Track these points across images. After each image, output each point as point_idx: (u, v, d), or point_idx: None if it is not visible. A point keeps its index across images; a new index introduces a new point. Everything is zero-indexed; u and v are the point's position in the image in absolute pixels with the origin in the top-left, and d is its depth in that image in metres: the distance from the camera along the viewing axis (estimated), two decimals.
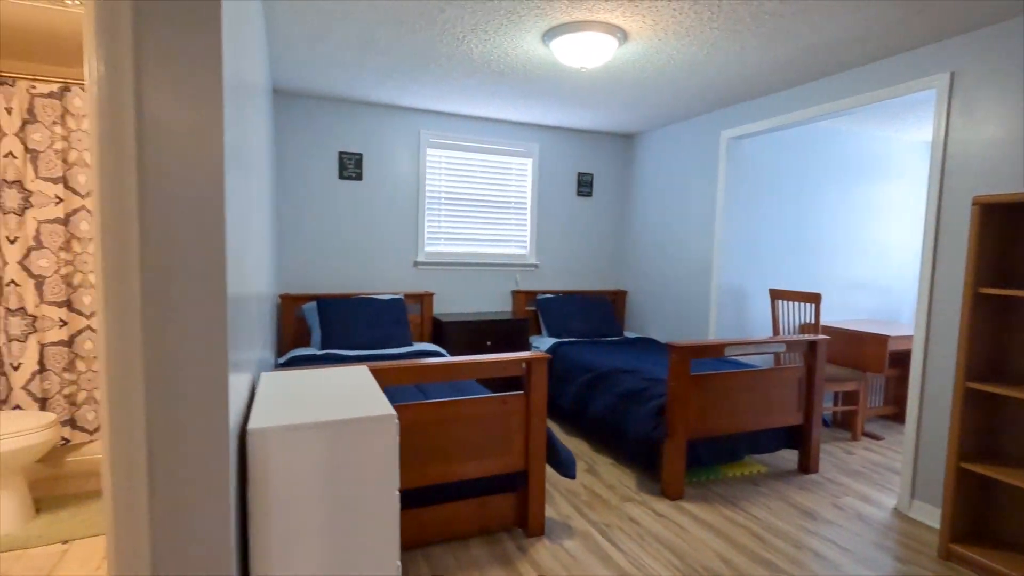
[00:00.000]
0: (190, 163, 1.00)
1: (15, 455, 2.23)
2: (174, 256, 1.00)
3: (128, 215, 0.96)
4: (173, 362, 1.01)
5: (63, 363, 2.74)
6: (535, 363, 2.29)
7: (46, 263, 2.69)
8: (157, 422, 1.01)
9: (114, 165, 0.95)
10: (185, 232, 1.00)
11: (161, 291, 0.99)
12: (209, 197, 1.02)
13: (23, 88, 2.61)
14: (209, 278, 1.02)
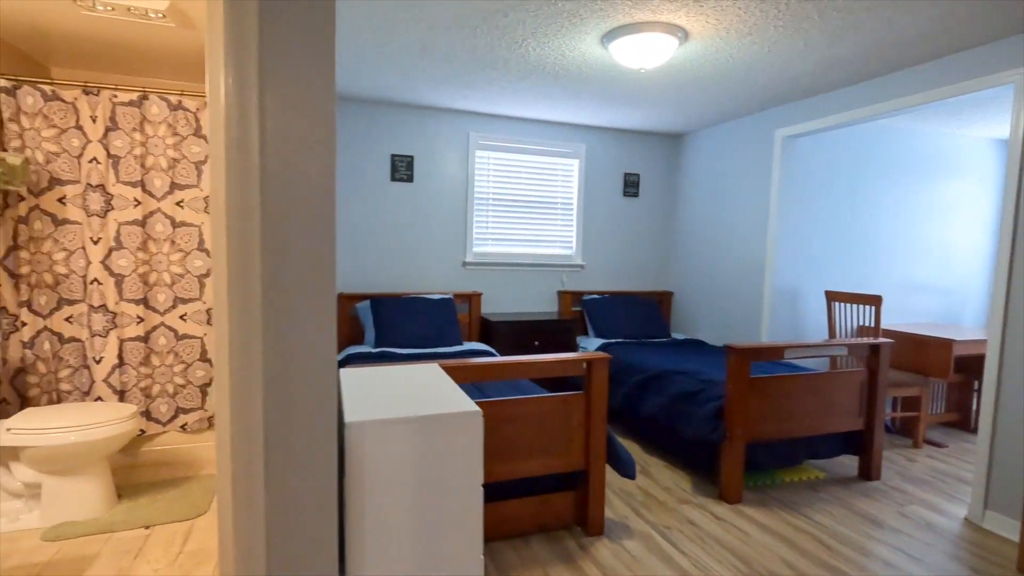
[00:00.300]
0: (305, 169, 1.05)
1: (102, 444, 2.36)
2: (290, 258, 1.05)
3: (251, 219, 1.02)
4: (288, 357, 1.06)
5: (139, 358, 2.88)
6: (596, 363, 2.31)
7: (125, 263, 2.84)
8: (272, 415, 1.06)
9: (240, 173, 1.01)
10: (300, 235, 1.05)
11: (279, 289, 1.05)
12: (321, 202, 1.07)
13: (106, 97, 2.76)
14: (321, 278, 1.08)
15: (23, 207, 2.68)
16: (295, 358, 1.06)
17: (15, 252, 2.69)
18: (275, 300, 1.04)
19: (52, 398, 2.81)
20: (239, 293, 1.02)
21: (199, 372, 3.00)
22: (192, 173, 2.93)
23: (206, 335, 3.00)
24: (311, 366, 1.08)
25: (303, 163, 1.04)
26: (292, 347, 1.06)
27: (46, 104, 2.69)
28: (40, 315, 2.75)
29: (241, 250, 1.02)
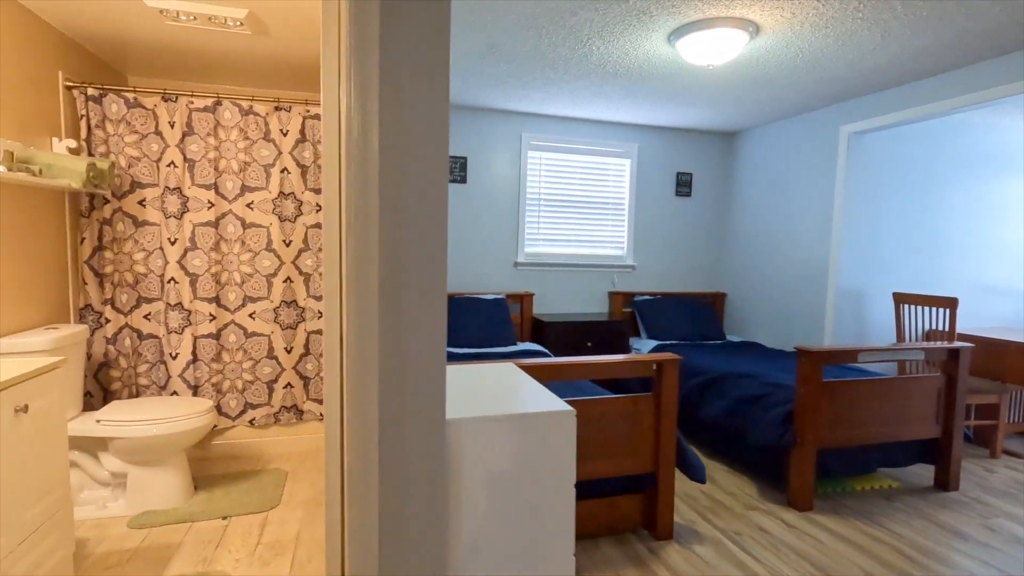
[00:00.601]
0: (422, 172, 1.06)
1: (182, 437, 2.45)
2: (405, 258, 1.07)
3: (370, 221, 1.04)
4: (403, 354, 1.08)
5: (212, 354, 2.99)
6: (667, 365, 2.27)
7: (199, 262, 2.95)
8: (387, 410, 1.08)
9: (359, 176, 1.03)
10: (415, 236, 1.07)
11: (395, 287, 1.06)
12: (436, 204, 1.08)
13: (183, 103, 2.88)
14: (434, 277, 1.09)
15: (107, 209, 2.81)
16: (409, 355, 1.08)
17: (100, 252, 2.83)
18: (391, 298, 1.06)
19: (132, 392, 2.94)
20: (357, 291, 1.04)
21: (266, 369, 3.09)
22: (261, 176, 3.02)
23: (273, 333, 3.08)
24: (424, 362, 1.09)
25: (420, 167, 1.06)
26: (406, 344, 1.08)
27: (129, 111, 2.82)
28: (122, 312, 2.89)
29: (359, 250, 1.04)
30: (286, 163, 3.03)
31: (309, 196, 3.09)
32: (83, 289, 2.80)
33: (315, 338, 3.15)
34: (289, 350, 3.11)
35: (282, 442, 3.19)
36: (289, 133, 3.02)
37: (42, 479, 1.72)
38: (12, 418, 1.56)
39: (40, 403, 1.70)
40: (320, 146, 3.09)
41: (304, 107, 3.05)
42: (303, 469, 2.96)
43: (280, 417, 3.14)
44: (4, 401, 1.53)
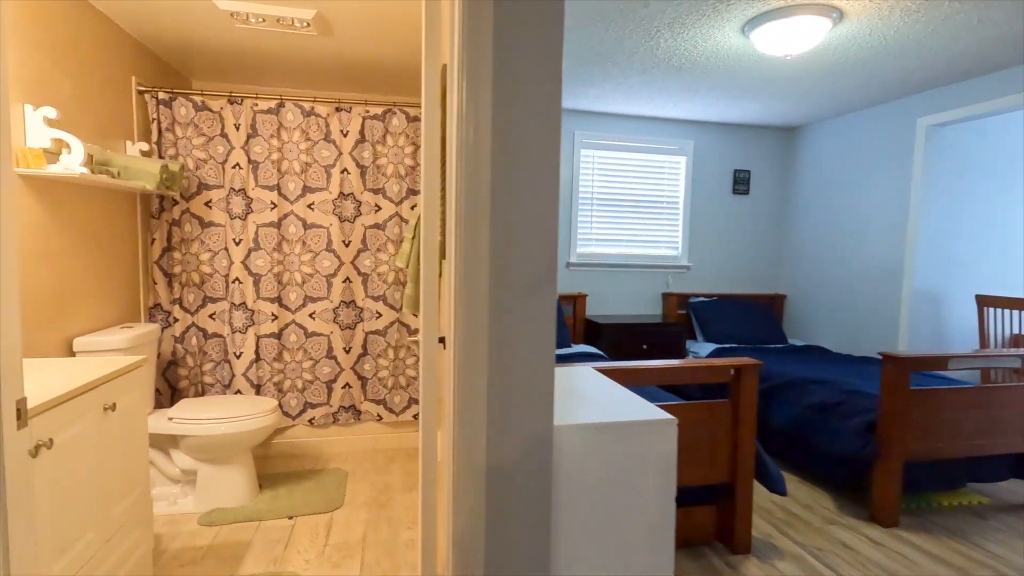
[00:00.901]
0: (533, 174, 1.01)
1: (249, 435, 2.47)
2: (516, 260, 1.01)
3: (481, 226, 0.99)
4: (512, 359, 1.03)
5: (273, 353, 3.02)
6: (746, 370, 2.16)
7: (262, 263, 2.98)
8: (495, 416, 1.03)
9: (471, 178, 0.98)
10: (526, 238, 1.01)
11: (505, 290, 1.01)
12: (545, 205, 1.02)
13: (248, 106, 2.91)
14: (543, 279, 1.03)
15: (176, 211, 2.87)
16: (518, 359, 1.03)
17: (169, 253, 2.89)
18: (502, 300, 1.01)
19: (198, 390, 2.99)
20: (467, 293, 1.00)
21: (325, 368, 3.11)
22: (322, 176, 3.04)
23: (332, 333, 3.10)
24: (533, 367, 1.03)
25: (531, 169, 1.00)
26: (516, 347, 1.02)
27: (196, 114, 2.87)
28: (189, 312, 2.94)
29: (470, 253, 0.99)
30: (346, 164, 3.04)
31: (368, 196, 3.09)
32: (153, 289, 2.86)
33: (373, 338, 3.15)
34: (348, 350, 3.12)
35: (340, 442, 3.20)
36: (349, 134, 3.03)
37: (126, 476, 1.74)
38: (101, 416, 1.58)
39: (125, 401, 1.72)
40: (379, 146, 3.08)
41: (364, 108, 3.05)
42: (362, 470, 2.96)
43: (338, 417, 3.15)
44: (94, 399, 1.55)
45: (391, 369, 3.18)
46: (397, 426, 3.27)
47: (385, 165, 3.10)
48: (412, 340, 1.77)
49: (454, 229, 1.00)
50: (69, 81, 2.20)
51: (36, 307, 2.01)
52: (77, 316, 2.25)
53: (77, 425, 1.46)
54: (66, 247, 2.18)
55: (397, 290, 3.14)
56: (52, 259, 2.09)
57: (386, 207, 3.11)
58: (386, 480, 2.83)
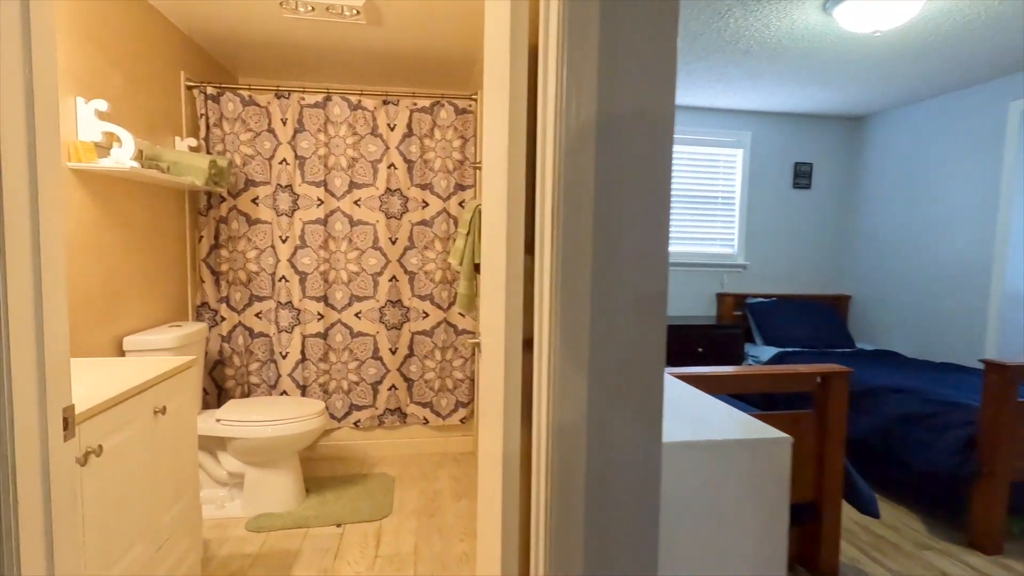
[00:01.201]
0: (641, 165, 0.86)
1: (296, 439, 2.39)
2: (620, 263, 0.86)
3: (582, 226, 0.85)
4: (618, 370, 0.88)
5: (319, 354, 2.94)
6: (834, 378, 1.96)
7: (308, 260, 2.91)
8: (598, 434, 0.88)
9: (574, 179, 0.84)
10: (634, 236, 0.86)
11: (608, 296, 0.86)
12: (657, 202, 0.87)
13: (295, 100, 2.84)
14: (655, 278, 0.88)
15: (224, 207, 2.82)
16: (625, 371, 0.88)
17: (216, 250, 2.84)
18: (605, 306, 0.86)
19: (244, 390, 2.94)
20: (563, 298, 0.85)
21: (371, 370, 3.02)
22: (368, 172, 2.95)
23: (378, 333, 3.00)
24: (641, 381, 0.88)
25: (642, 159, 0.85)
26: (621, 358, 0.87)
27: (244, 109, 2.82)
28: (235, 310, 2.89)
29: (568, 254, 0.85)
30: (393, 159, 2.94)
31: (415, 192, 2.98)
32: (201, 287, 2.82)
33: (419, 339, 3.04)
34: (394, 351, 3.02)
35: (386, 445, 3.10)
36: (396, 128, 2.93)
37: (176, 482, 1.66)
38: (151, 420, 1.50)
39: (175, 404, 1.64)
40: (427, 140, 2.97)
41: (411, 100, 2.94)
42: (409, 475, 2.85)
43: (384, 420, 3.06)
44: (144, 402, 1.47)
45: (438, 371, 3.07)
46: (443, 430, 3.16)
47: (433, 160, 2.99)
48: (472, 341, 1.63)
49: (549, 224, 0.86)
50: (120, 75, 2.16)
51: (86, 305, 1.96)
52: (127, 314, 2.20)
53: (127, 430, 1.38)
54: (116, 244, 2.13)
55: (444, 289, 3.03)
56: (102, 256, 2.05)
57: (434, 203, 3.00)
58: (435, 487, 2.71)
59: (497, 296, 1.14)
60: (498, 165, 1.15)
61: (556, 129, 0.85)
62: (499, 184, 1.11)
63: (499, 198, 1.11)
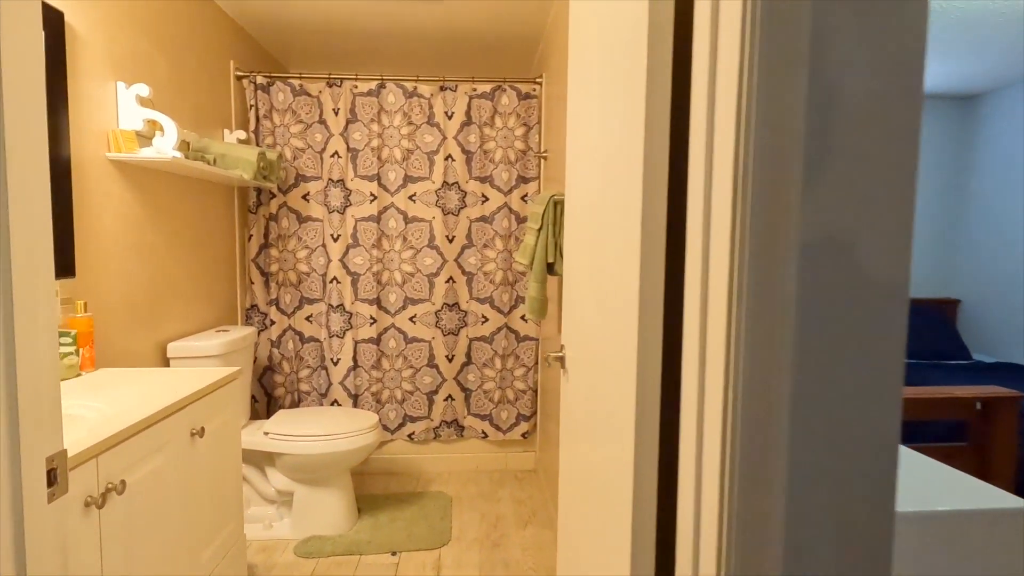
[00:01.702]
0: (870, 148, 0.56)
1: (348, 455, 2.18)
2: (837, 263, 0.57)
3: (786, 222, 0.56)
4: (835, 402, 0.58)
5: (372, 360, 2.74)
6: (999, 405, 1.57)
7: (360, 260, 2.71)
8: (799, 476, 0.59)
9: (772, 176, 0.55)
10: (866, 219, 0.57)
11: (822, 301, 0.57)
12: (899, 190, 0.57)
13: (347, 88, 2.65)
14: (890, 286, 0.58)
15: (274, 204, 2.66)
16: (840, 397, 0.58)
17: (266, 250, 2.68)
18: (816, 314, 0.56)
19: (294, 398, 2.77)
20: (752, 304, 0.56)
21: (426, 379, 2.79)
22: (424, 164, 2.72)
23: (433, 339, 2.77)
24: (864, 412, 0.58)
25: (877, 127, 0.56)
26: (837, 377, 0.58)
27: (295, 99, 2.64)
28: (285, 314, 2.72)
29: (760, 248, 0.55)
30: (450, 149, 2.71)
31: (474, 186, 2.74)
32: (250, 288, 2.67)
33: (478, 346, 2.80)
34: (450, 358, 2.79)
35: (442, 460, 2.87)
36: (454, 116, 2.70)
37: (217, 512, 1.46)
38: (187, 445, 1.30)
39: (215, 423, 1.44)
40: (487, 129, 2.72)
41: (470, 86, 2.70)
42: (467, 495, 2.61)
43: (440, 433, 2.83)
44: (180, 424, 1.26)
45: (498, 381, 2.81)
46: (503, 445, 2.90)
47: (493, 150, 2.74)
48: (554, 355, 1.36)
49: (728, 214, 0.58)
50: (165, 61, 2.00)
51: (129, 307, 1.80)
52: (171, 318, 2.04)
53: (157, 458, 1.18)
54: (161, 242, 1.97)
55: (505, 291, 2.77)
56: (146, 255, 1.89)
57: (494, 197, 2.75)
58: (496, 511, 2.45)
59: (615, 300, 0.86)
60: (612, 154, 0.88)
61: (738, 110, 0.56)
62: (620, 173, 0.83)
63: (620, 190, 0.83)
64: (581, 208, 1.21)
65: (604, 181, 0.96)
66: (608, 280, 0.91)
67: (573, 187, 1.33)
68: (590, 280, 1.10)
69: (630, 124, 0.78)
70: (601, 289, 0.96)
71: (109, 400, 1.24)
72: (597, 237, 1.02)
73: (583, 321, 1.18)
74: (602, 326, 0.96)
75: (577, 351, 1.28)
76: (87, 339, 1.52)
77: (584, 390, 1.16)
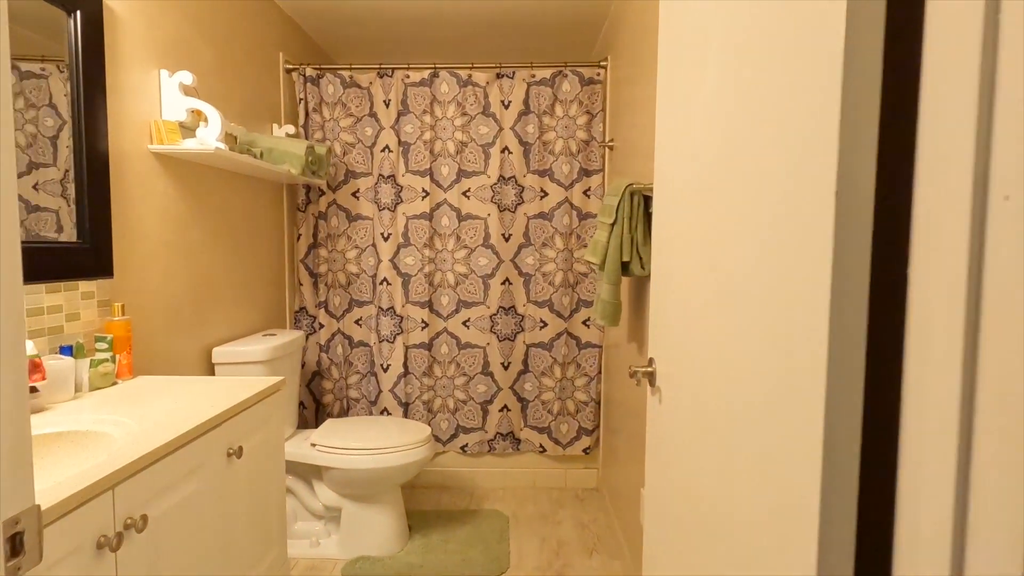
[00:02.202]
0: None
1: (400, 471, 2.02)
2: None
3: None
4: None
5: (423, 367, 2.58)
6: None
7: (411, 260, 2.55)
8: None
9: None
10: None
11: None
12: None
13: (399, 78, 2.50)
14: None
15: (323, 202, 2.54)
16: None
17: (314, 250, 2.57)
18: None
19: (343, 405, 2.64)
20: None
21: (480, 387, 2.60)
22: (479, 158, 2.54)
23: (488, 344, 2.58)
24: None
25: None
26: None
27: (344, 91, 2.52)
28: (334, 317, 2.60)
29: None
30: (507, 141, 2.51)
31: (532, 180, 2.53)
32: (298, 290, 2.56)
33: (535, 352, 2.59)
34: (506, 366, 2.59)
35: (496, 475, 2.68)
36: (511, 105, 2.50)
37: (256, 541, 1.30)
38: (223, 467, 1.14)
39: (255, 441, 1.29)
40: (547, 118, 2.52)
41: (528, 72, 2.50)
42: (525, 515, 2.40)
43: (494, 446, 2.63)
44: (216, 444, 1.11)
45: (557, 391, 2.59)
46: (563, 461, 2.68)
47: (553, 141, 2.53)
48: (642, 369, 1.13)
49: None
50: (211, 51, 1.90)
51: (172, 310, 1.69)
52: (217, 321, 1.94)
53: (188, 484, 1.02)
54: (206, 241, 1.86)
55: (566, 294, 2.55)
56: (191, 254, 1.78)
57: (553, 192, 2.54)
58: (558, 535, 2.23)
59: (769, 306, 0.63)
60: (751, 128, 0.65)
61: None
62: (772, 151, 0.60)
63: (777, 166, 0.60)
64: (683, 198, 0.98)
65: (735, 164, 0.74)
66: (752, 282, 0.68)
67: (667, 175, 1.10)
68: (703, 283, 0.87)
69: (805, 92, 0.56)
70: (738, 293, 0.73)
71: (140, 415, 1.10)
72: (719, 230, 0.80)
73: (689, 331, 0.95)
74: (736, 336, 0.73)
75: (675, 366, 1.05)
76: (124, 344, 1.41)
77: (692, 412, 0.93)
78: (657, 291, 1.17)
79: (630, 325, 1.95)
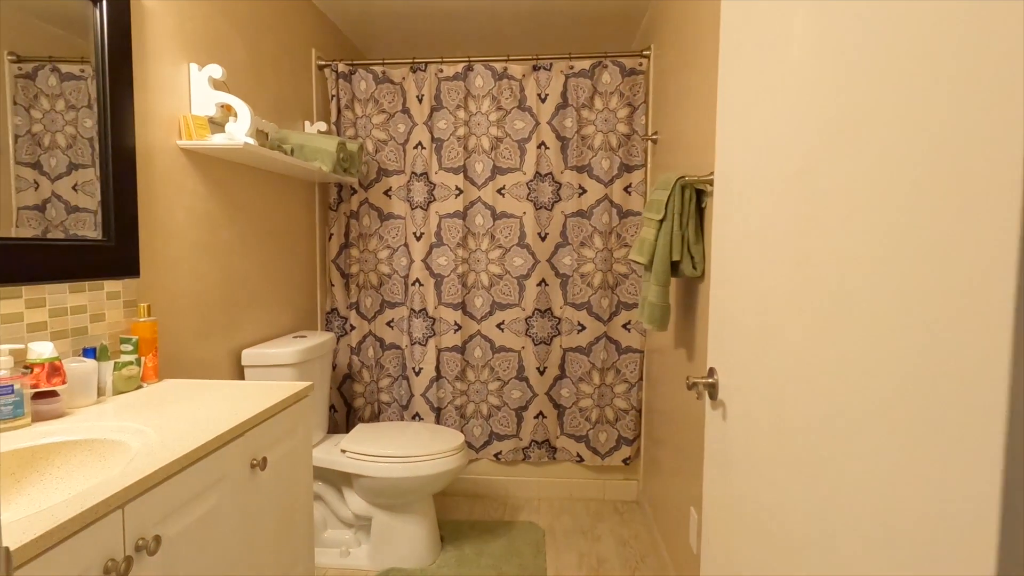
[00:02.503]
0: None
1: (433, 480, 1.93)
2: None
3: None
4: None
5: (456, 371, 2.49)
6: None
7: (444, 261, 2.47)
8: None
9: None
10: None
11: None
12: None
13: (432, 72, 2.43)
14: None
15: (355, 201, 2.48)
16: None
17: (346, 250, 2.51)
18: None
19: (374, 409, 2.57)
20: None
21: (515, 393, 2.50)
22: (515, 153, 2.44)
23: (523, 348, 2.48)
24: None
25: None
26: None
27: (377, 87, 2.45)
28: (366, 318, 2.53)
29: None
30: (543, 136, 2.41)
31: (570, 176, 2.42)
32: (330, 291, 2.50)
33: (573, 357, 2.47)
34: (542, 371, 2.48)
35: (531, 484, 2.56)
36: (548, 98, 2.39)
37: (281, 557, 1.23)
38: (246, 479, 1.07)
39: (280, 451, 1.21)
40: (585, 111, 2.40)
41: (567, 63, 2.39)
42: (561, 528, 2.28)
43: (529, 454, 2.52)
44: (239, 454, 1.04)
45: (595, 398, 2.47)
46: (601, 472, 2.55)
47: (592, 135, 2.41)
48: (701, 380, 1.00)
49: None
50: (243, 45, 1.85)
51: (200, 311, 1.64)
52: (246, 322, 1.88)
53: (208, 499, 0.95)
54: (236, 240, 1.81)
55: (605, 296, 2.43)
56: (220, 253, 1.73)
57: (592, 189, 2.42)
58: (597, 550, 2.11)
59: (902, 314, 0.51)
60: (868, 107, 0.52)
61: None
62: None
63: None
64: (757, 191, 0.86)
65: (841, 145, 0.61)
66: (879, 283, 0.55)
67: (733, 166, 0.98)
68: (787, 286, 0.75)
69: None
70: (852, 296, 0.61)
71: (160, 422, 1.03)
72: (822, 227, 0.67)
73: (765, 339, 0.83)
74: (842, 343, 0.61)
75: (744, 378, 0.92)
76: (150, 346, 1.35)
77: (771, 430, 0.81)
78: (719, 295, 1.04)
79: (678, 329, 1.82)
